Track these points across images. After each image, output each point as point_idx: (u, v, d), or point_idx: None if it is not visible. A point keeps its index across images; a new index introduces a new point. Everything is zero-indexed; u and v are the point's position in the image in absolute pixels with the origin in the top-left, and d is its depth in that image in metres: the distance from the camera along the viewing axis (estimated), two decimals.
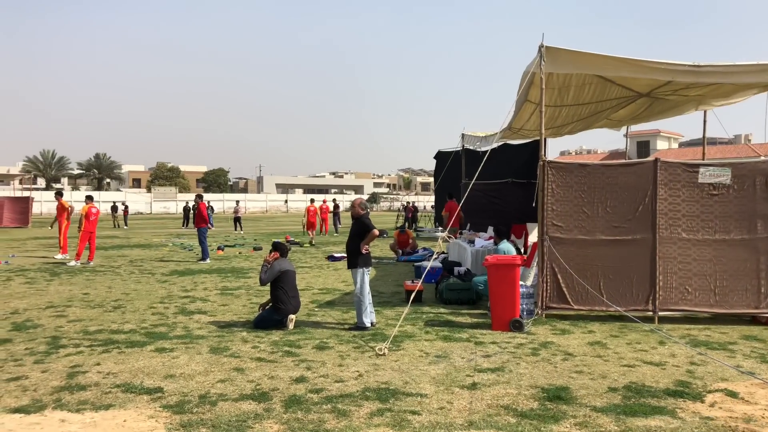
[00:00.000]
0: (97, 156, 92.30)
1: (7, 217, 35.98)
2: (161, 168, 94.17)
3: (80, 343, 6.72)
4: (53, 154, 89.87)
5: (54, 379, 5.40)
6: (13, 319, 8.04)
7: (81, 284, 11.43)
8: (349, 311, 8.60)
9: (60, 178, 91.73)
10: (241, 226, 31.62)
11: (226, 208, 68.32)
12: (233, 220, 32.88)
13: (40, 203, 56.38)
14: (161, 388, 5.15)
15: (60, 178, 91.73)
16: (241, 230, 30.87)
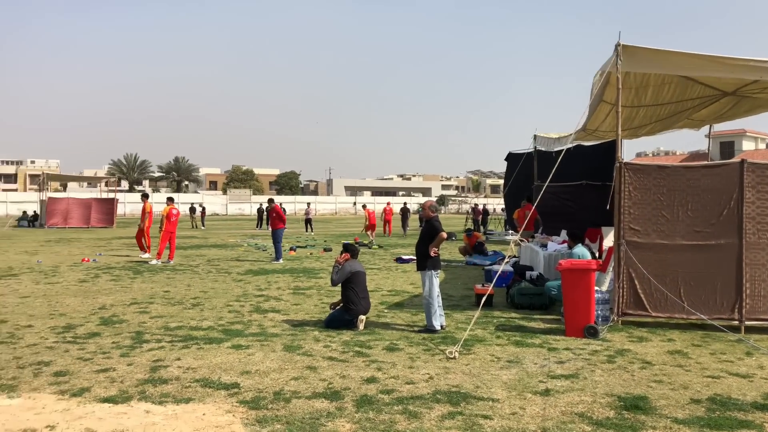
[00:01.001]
0: (176, 159, 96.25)
1: (95, 217, 38.04)
2: (236, 171, 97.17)
3: (162, 339, 7.03)
4: (136, 157, 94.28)
5: (138, 372, 5.67)
6: (101, 314, 8.50)
7: (162, 282, 11.95)
8: (418, 313, 8.61)
9: (142, 180, 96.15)
10: (311, 227, 32.23)
11: (297, 210, 69.74)
12: (304, 222, 33.58)
13: (124, 204, 59.32)
14: (237, 383, 5.32)
15: (142, 180, 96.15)
16: (311, 231, 31.45)
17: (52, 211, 37.46)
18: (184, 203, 58.81)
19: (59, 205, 38.34)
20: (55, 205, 38.07)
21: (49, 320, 8.05)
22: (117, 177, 77.89)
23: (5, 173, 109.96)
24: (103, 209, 38.90)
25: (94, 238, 26.95)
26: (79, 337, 7.04)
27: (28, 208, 46.20)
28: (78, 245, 22.25)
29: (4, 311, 8.67)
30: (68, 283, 11.74)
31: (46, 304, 9.27)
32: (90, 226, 37.14)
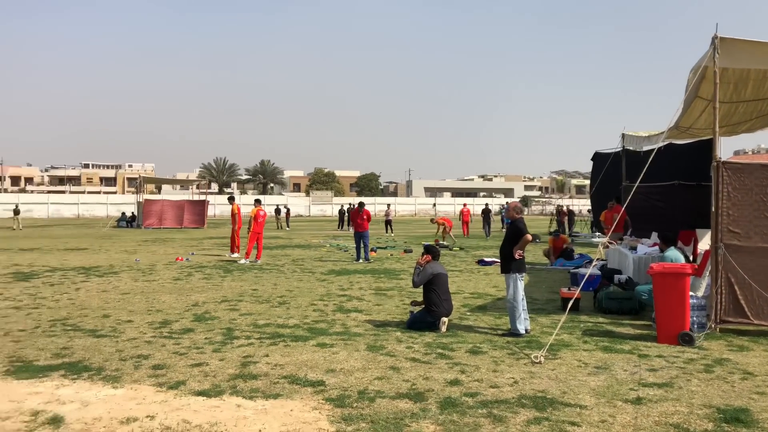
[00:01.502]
0: (262, 162, 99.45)
1: (187, 218, 39.91)
2: (319, 173, 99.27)
3: (251, 336, 7.28)
4: (225, 161, 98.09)
5: (230, 367, 5.90)
6: (194, 311, 8.91)
7: (250, 281, 12.38)
8: (501, 317, 8.50)
9: (230, 183, 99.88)
10: (391, 228, 32.44)
11: (377, 211, 70.34)
12: (384, 223, 33.84)
13: (214, 206, 61.82)
14: (323, 381, 5.44)
15: (230, 183, 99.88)
16: (391, 233, 31.66)
17: (148, 212, 39.62)
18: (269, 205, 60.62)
19: (154, 206, 40.49)
20: (151, 207, 40.23)
21: (147, 316, 8.52)
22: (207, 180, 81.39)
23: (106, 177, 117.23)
24: (195, 210, 40.77)
25: (186, 238, 28.26)
26: (175, 333, 7.41)
27: (127, 209, 49.02)
28: (172, 245, 23.40)
29: (107, 306, 9.25)
30: (164, 280, 12.38)
31: (144, 301, 9.81)
32: (183, 226, 39.00)
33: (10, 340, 6.94)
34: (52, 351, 6.46)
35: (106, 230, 36.24)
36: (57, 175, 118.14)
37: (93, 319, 8.21)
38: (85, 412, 4.62)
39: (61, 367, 5.84)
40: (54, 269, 14.37)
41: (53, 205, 69.61)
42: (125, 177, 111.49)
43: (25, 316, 8.45)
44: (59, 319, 8.18)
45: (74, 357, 6.21)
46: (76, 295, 10.39)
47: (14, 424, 4.37)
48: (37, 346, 6.69)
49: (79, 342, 6.88)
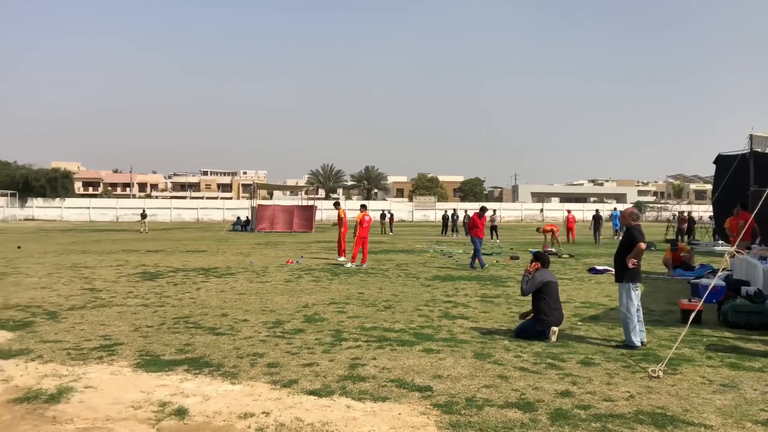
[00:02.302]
0: (366, 168, 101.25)
1: (296, 223, 41.40)
2: (422, 178, 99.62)
3: (358, 338, 7.42)
4: (332, 167, 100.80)
5: (339, 368, 6.05)
6: (305, 312, 9.21)
7: (356, 284, 12.63)
8: (615, 327, 8.14)
9: (336, 188, 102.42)
10: (497, 234, 31.94)
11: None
12: (489, 229, 33.39)
13: (321, 211, 63.64)
14: (430, 387, 5.44)
15: (336, 188, 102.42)
16: (497, 239, 31.18)
17: (261, 216, 41.50)
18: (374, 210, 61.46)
19: (267, 211, 42.35)
20: (264, 212, 42.11)
21: (261, 315, 8.91)
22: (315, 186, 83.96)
23: (223, 183, 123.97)
24: (304, 215, 42.23)
25: (296, 241, 29.30)
26: (287, 333, 7.69)
27: (241, 214, 51.55)
28: (283, 248, 24.34)
29: (225, 306, 9.76)
30: (276, 282, 12.90)
31: (258, 301, 10.27)
32: (292, 230, 40.49)
33: (140, 336, 7.49)
34: (176, 347, 6.90)
35: (222, 234, 38.29)
36: (179, 181, 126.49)
37: (212, 318, 8.70)
38: (207, 405, 4.90)
39: (184, 362, 6.23)
40: (177, 270, 15.36)
41: (175, 209, 74.50)
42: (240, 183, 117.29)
43: (152, 313, 9.09)
44: (182, 317, 8.74)
45: (196, 353, 6.61)
46: (196, 294, 11.06)
47: (145, 413, 4.72)
48: (163, 341, 7.17)
49: (200, 339, 7.31)
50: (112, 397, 5.07)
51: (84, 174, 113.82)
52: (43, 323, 8.21)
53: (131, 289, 11.71)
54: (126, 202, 79.21)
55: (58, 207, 72.16)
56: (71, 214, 71.15)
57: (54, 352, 6.57)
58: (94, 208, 73.94)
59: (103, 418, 4.59)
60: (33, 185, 71.44)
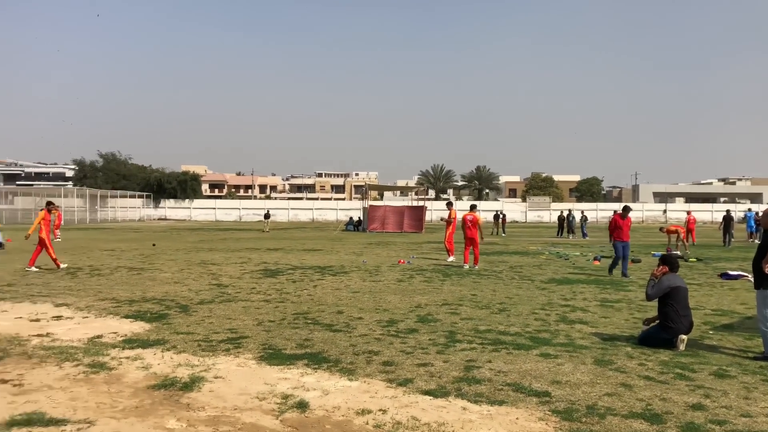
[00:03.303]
0: (477, 168, 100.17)
1: (407, 223, 41.73)
2: (536, 178, 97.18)
3: (473, 340, 7.36)
4: (442, 168, 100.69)
5: (453, 369, 6.02)
6: (418, 312, 9.26)
7: (469, 286, 12.53)
8: (752, 338, 7.52)
9: (446, 189, 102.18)
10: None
11: (599, 218, 66.83)
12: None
13: (431, 212, 63.73)
14: (548, 392, 5.29)
15: (446, 189, 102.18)
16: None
17: (372, 217, 42.23)
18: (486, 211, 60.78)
19: (378, 212, 43.03)
20: (375, 212, 42.83)
21: (375, 314, 9.06)
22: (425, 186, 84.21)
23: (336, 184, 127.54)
24: (414, 216, 42.48)
25: (407, 242, 29.54)
26: (401, 332, 7.77)
27: (354, 214, 52.75)
28: (394, 248, 24.62)
29: (341, 303, 10.03)
30: (388, 281, 13.07)
31: (372, 300, 10.45)
32: (403, 230, 40.85)
33: (263, 330, 7.86)
34: (296, 341, 7.18)
35: (336, 233, 39.37)
36: (295, 183, 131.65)
37: (329, 315, 8.96)
38: (326, 400, 5.05)
39: (304, 356, 6.46)
40: (295, 268, 15.97)
41: (292, 210, 77.52)
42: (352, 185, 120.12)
43: (274, 308, 9.50)
44: (301, 313, 9.07)
45: (315, 348, 6.84)
46: (314, 291, 11.44)
47: (269, 404, 4.94)
48: (284, 336, 7.48)
49: (318, 335, 7.55)
50: (238, 388, 5.36)
51: (210, 177, 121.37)
52: (176, 316, 8.83)
53: (254, 285, 12.32)
54: (248, 203, 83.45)
55: (187, 207, 77.40)
56: (199, 214, 76.06)
57: (186, 343, 7.05)
58: (220, 209, 78.58)
59: (231, 408, 4.86)
60: (165, 187, 77.12)
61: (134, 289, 11.65)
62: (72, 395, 5.11)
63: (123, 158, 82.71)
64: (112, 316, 8.75)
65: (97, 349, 6.72)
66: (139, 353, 6.56)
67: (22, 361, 6.19)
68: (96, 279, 13.20)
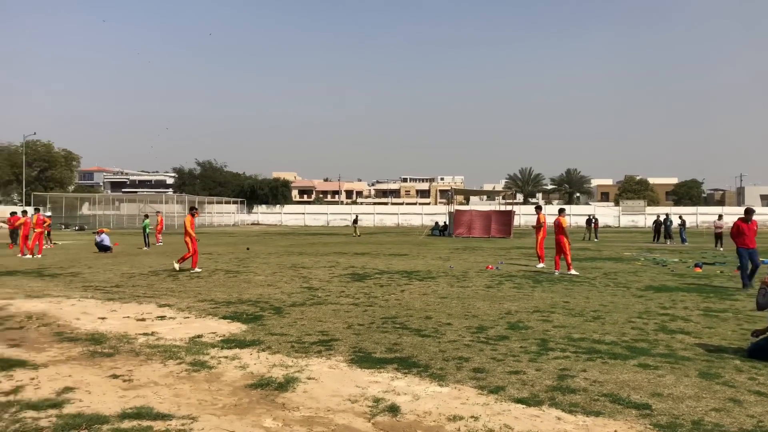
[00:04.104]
0: (568, 171, 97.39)
1: (494, 228, 41.14)
2: (629, 181, 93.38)
3: (566, 348, 7.14)
4: (530, 171, 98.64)
5: (546, 378, 5.87)
6: (508, 319, 9.10)
7: (561, 292, 12.18)
8: None
9: (535, 193, 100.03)
10: (721, 243, 28.80)
11: (699, 222, 63.36)
12: (714, 236, 30.26)
13: (519, 216, 62.58)
14: (649, 405, 5.05)
15: (535, 193, 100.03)
16: (721, 247, 28.11)
17: (459, 221, 41.95)
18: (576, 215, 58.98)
19: (464, 216, 42.71)
20: (461, 217, 42.53)
21: (464, 320, 8.98)
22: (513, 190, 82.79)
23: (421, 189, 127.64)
24: (502, 220, 41.83)
25: (494, 247, 29.13)
26: (491, 339, 7.66)
27: (439, 219, 52.58)
28: (481, 253, 24.34)
29: (429, 309, 10.01)
30: (476, 287, 12.93)
31: (460, 306, 10.37)
32: (490, 235, 40.31)
33: (352, 333, 7.98)
34: (385, 345, 7.23)
35: (421, 238, 39.42)
36: (381, 188, 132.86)
37: (417, 320, 8.97)
38: (417, 404, 5.06)
39: (393, 361, 6.50)
40: (382, 272, 16.12)
41: (378, 215, 78.34)
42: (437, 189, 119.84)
43: (362, 312, 9.63)
44: (389, 317, 9.14)
45: (404, 353, 6.86)
46: (401, 296, 11.49)
47: (361, 407, 5.00)
48: (373, 339, 7.56)
49: (407, 339, 7.57)
50: (331, 390, 5.46)
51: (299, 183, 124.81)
52: (270, 317, 9.12)
53: (343, 288, 12.54)
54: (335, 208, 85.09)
55: (278, 213, 79.92)
56: (289, 219, 78.36)
57: (280, 344, 7.26)
58: (308, 214, 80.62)
59: (324, 409, 4.96)
60: (258, 193, 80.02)
61: (231, 291, 12.14)
62: (176, 392, 5.39)
63: (219, 166, 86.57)
64: (211, 317, 9.16)
65: (197, 348, 7.05)
66: (237, 353, 6.82)
67: (130, 358, 6.59)
68: (195, 281, 13.86)
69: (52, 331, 8.02)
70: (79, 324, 8.50)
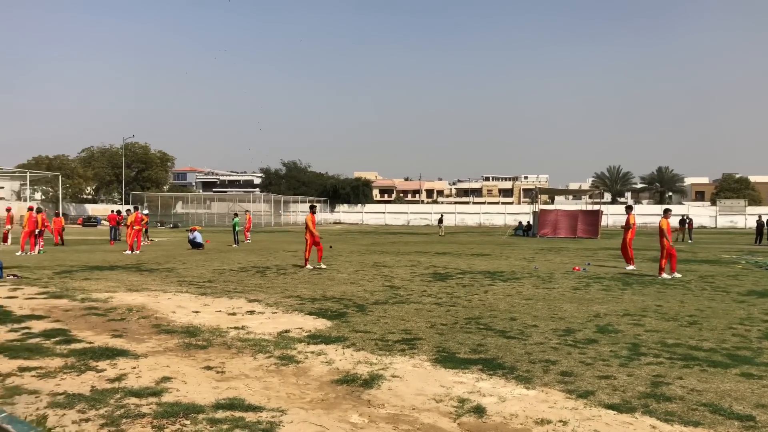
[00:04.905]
0: (659, 169, 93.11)
1: (581, 228, 39.93)
2: (728, 179, 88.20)
3: (659, 354, 6.83)
4: (618, 169, 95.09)
5: (639, 384, 5.63)
6: (596, 322, 8.80)
7: (652, 295, 11.66)
8: None
9: (624, 192, 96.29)
10: None
11: None
12: None
13: (607, 216, 60.42)
14: (753, 416, 4.74)
15: (624, 192, 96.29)
16: None
17: (543, 221, 41.01)
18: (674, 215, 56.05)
19: (549, 216, 41.70)
20: (546, 216, 41.55)
21: (550, 322, 8.77)
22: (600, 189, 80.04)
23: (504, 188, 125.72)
24: (589, 221, 40.53)
25: (580, 248, 28.27)
26: (579, 342, 7.43)
27: (523, 218, 51.58)
28: (567, 254, 23.68)
29: (513, 310, 9.84)
30: (563, 289, 12.58)
31: (546, 307, 10.13)
32: (576, 236, 39.14)
33: (435, 332, 7.96)
34: (469, 346, 7.17)
35: (504, 238, 38.82)
36: (462, 187, 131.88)
37: (501, 321, 8.84)
38: (503, 407, 4.98)
39: (478, 362, 6.43)
40: (464, 272, 15.99)
41: (459, 214, 77.83)
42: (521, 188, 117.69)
43: (445, 312, 9.58)
44: (473, 318, 9.05)
45: (489, 354, 6.78)
46: (484, 296, 11.35)
47: (446, 407, 4.98)
48: (457, 340, 7.51)
49: (491, 341, 7.48)
50: (415, 389, 5.47)
51: (380, 182, 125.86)
52: (354, 315, 9.24)
53: (425, 288, 12.53)
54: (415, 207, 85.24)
55: (359, 212, 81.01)
56: (370, 218, 79.23)
57: (364, 342, 7.35)
58: (389, 213, 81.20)
59: (409, 407, 4.97)
60: (340, 193, 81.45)
61: (315, 288, 12.41)
62: (265, 384, 5.56)
63: (303, 166, 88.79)
64: (297, 313, 9.39)
65: (285, 342, 7.25)
66: (323, 348, 6.96)
67: (222, 351, 6.86)
68: (282, 278, 14.27)
69: (150, 323, 8.48)
70: (174, 317, 8.94)
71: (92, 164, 76.24)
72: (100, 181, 78.49)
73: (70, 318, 8.79)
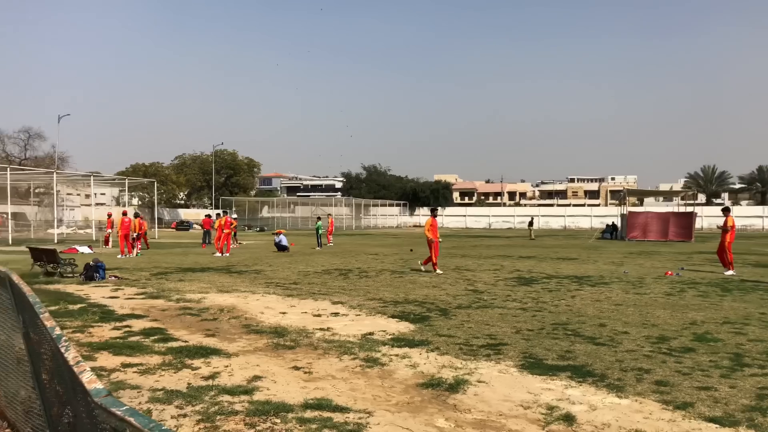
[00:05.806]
0: (759, 168, 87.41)
1: (672, 231, 38.10)
2: None
3: (765, 365, 6.40)
4: (714, 169, 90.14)
5: (743, 396, 5.30)
6: (693, 330, 8.35)
7: (756, 302, 10.94)
8: None
9: (720, 193, 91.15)
10: None
11: None
12: None
13: (701, 218, 57.33)
14: None
15: (720, 193, 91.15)
16: None
17: (632, 224, 39.39)
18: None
19: (638, 218, 40.03)
20: (635, 219, 39.90)
21: (642, 329, 8.40)
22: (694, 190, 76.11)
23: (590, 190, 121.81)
24: (681, 223, 38.62)
25: (673, 251, 26.97)
26: (674, 350, 7.09)
27: (610, 221, 49.76)
28: (658, 258, 22.64)
29: (602, 316, 9.51)
30: (655, 294, 12.03)
31: (637, 313, 9.72)
32: (668, 239, 37.38)
33: (521, 338, 7.80)
34: (557, 352, 6.99)
35: (591, 241, 37.58)
36: (546, 189, 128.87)
37: (590, 327, 8.55)
38: (594, 415, 4.82)
39: (566, 368, 6.25)
40: (550, 276, 15.60)
41: (542, 217, 76.01)
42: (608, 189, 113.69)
43: (531, 317, 9.38)
44: (560, 324, 8.81)
45: (577, 361, 6.58)
46: (572, 302, 11.03)
47: (534, 414, 4.88)
48: (544, 346, 7.33)
49: (580, 347, 7.25)
50: (502, 394, 5.39)
51: (461, 185, 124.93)
52: (437, 318, 9.21)
53: (509, 292, 12.32)
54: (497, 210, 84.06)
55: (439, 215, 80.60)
56: (450, 221, 78.75)
57: (448, 346, 7.31)
58: (469, 216, 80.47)
59: (495, 413, 4.90)
60: (419, 196, 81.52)
61: (398, 291, 12.47)
62: (351, 386, 5.64)
63: (383, 170, 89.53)
64: (380, 315, 9.47)
65: (369, 345, 7.32)
66: (407, 352, 6.98)
67: (309, 352, 7.01)
68: (364, 281, 14.43)
69: (240, 323, 8.79)
70: (263, 318, 9.23)
71: (184, 171, 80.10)
72: (192, 186, 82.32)
73: (166, 317, 9.25)
